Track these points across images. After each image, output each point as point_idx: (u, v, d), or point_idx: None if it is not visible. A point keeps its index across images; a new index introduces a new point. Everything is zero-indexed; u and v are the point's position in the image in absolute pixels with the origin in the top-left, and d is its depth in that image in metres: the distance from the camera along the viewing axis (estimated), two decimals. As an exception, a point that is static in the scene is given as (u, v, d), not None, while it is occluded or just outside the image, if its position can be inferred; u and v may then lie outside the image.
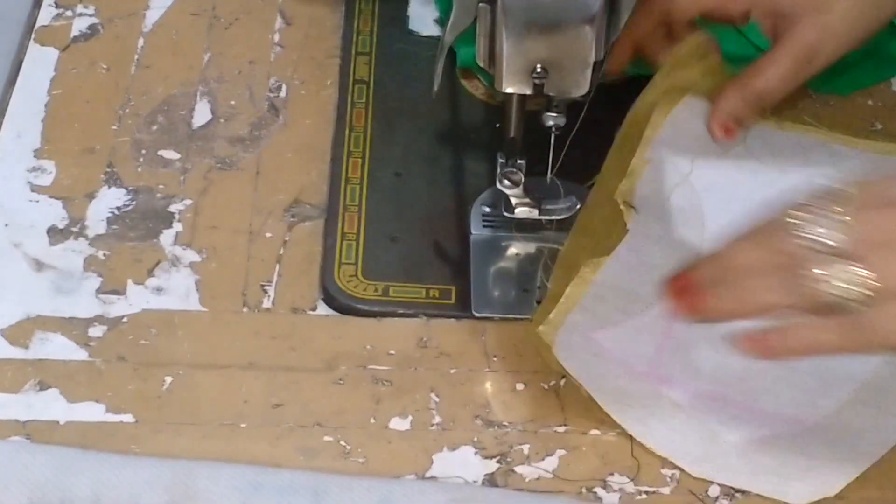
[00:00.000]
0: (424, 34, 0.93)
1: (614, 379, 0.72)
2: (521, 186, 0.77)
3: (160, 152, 0.84)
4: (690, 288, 0.64)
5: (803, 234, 0.60)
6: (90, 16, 0.93)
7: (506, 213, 0.79)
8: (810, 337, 0.62)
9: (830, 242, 0.59)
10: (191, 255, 0.79)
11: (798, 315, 0.61)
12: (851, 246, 0.59)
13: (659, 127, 0.78)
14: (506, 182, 0.76)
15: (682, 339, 0.73)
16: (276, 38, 0.93)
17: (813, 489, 0.69)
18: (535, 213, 0.79)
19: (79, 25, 0.93)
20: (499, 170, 0.76)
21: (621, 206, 0.74)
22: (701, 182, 0.78)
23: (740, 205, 0.71)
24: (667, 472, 0.69)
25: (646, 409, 0.71)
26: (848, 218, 0.60)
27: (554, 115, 0.74)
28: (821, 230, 0.60)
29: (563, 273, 0.74)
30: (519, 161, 0.76)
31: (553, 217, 0.79)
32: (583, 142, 0.77)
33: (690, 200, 0.78)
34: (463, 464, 0.69)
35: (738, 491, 0.69)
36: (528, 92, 0.70)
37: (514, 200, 0.78)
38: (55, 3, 0.94)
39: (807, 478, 0.69)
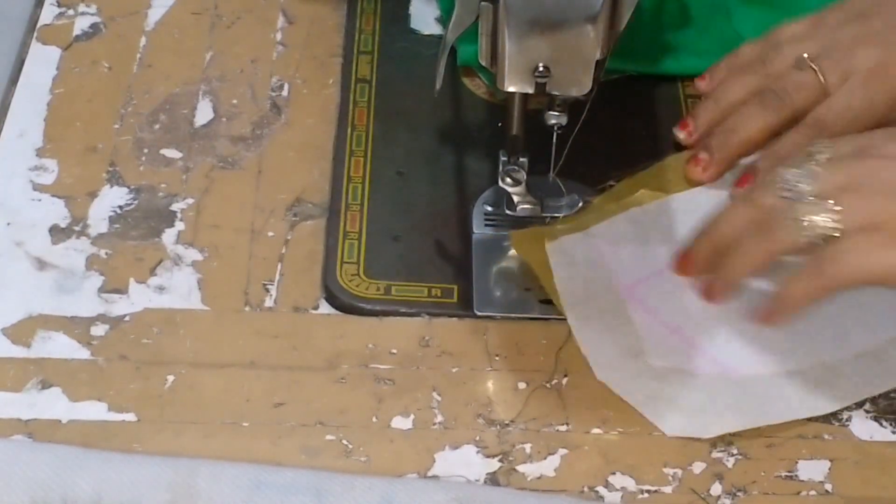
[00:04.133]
0: (426, 33, 0.93)
1: (589, 284, 0.75)
2: (524, 185, 0.77)
3: (162, 151, 0.84)
4: (692, 265, 0.74)
5: (783, 188, 0.69)
6: (92, 15, 0.93)
7: (508, 212, 0.79)
8: (790, 291, 0.69)
9: (806, 188, 0.69)
10: (193, 254, 0.79)
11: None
12: (822, 190, 0.68)
13: None
14: (508, 180, 0.76)
15: (678, 282, 0.76)
16: (279, 36, 0.93)
17: (689, 427, 0.71)
18: (537, 212, 0.79)
19: (81, 24, 0.93)
20: (501, 168, 0.76)
21: None
22: None
23: None
24: (669, 471, 0.69)
25: (596, 312, 0.74)
26: (820, 168, 0.69)
27: (556, 113, 0.74)
28: (797, 182, 0.69)
29: (615, 195, 0.79)
30: (521, 159, 0.76)
31: (555, 215, 0.79)
32: (585, 140, 0.77)
33: None
34: (465, 463, 0.69)
35: (739, 489, 0.69)
36: (531, 91, 0.70)
37: (516, 199, 0.78)
38: (57, 1, 0.94)
39: (692, 415, 0.71)
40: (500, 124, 0.82)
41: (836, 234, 0.67)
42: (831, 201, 0.68)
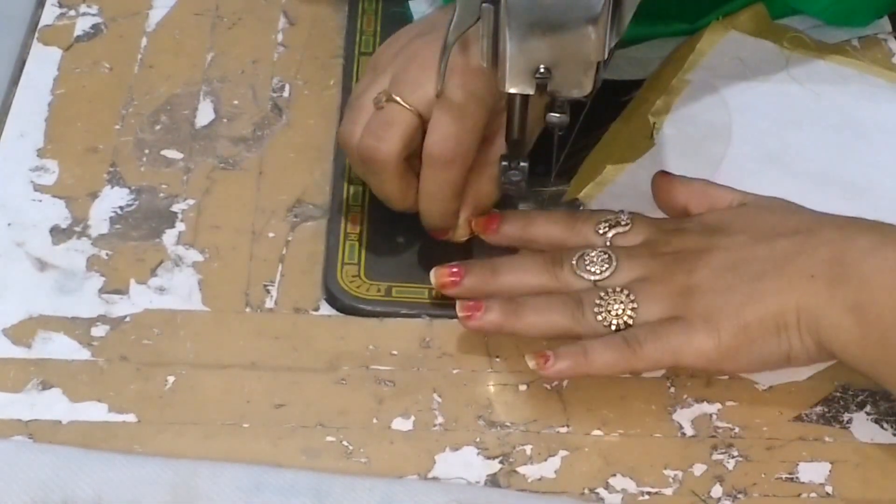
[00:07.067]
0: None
1: None
2: (524, 188, 0.77)
3: (163, 152, 0.84)
4: (456, 286, 0.73)
5: (585, 269, 0.72)
6: (93, 15, 0.93)
7: (508, 214, 0.79)
8: (595, 357, 0.69)
9: (606, 274, 0.71)
10: (193, 255, 0.79)
11: (568, 338, 0.71)
12: (621, 281, 0.71)
13: (703, 55, 0.87)
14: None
15: None
16: (280, 37, 0.93)
17: (782, 374, 0.73)
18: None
19: (82, 25, 0.93)
20: (501, 171, 0.76)
21: (651, 121, 0.82)
22: (736, 101, 0.85)
23: (769, 123, 0.84)
24: (669, 472, 0.69)
25: None
26: (615, 256, 0.72)
27: (557, 115, 0.74)
28: (597, 266, 0.72)
29: (582, 181, 0.80)
30: (521, 163, 0.76)
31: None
32: (585, 142, 0.77)
33: (722, 117, 0.84)
34: (465, 464, 0.69)
35: (740, 492, 0.69)
36: (531, 92, 0.70)
37: (516, 201, 0.78)
38: (58, 2, 0.94)
39: None
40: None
41: (633, 324, 0.70)
42: (629, 294, 0.70)
